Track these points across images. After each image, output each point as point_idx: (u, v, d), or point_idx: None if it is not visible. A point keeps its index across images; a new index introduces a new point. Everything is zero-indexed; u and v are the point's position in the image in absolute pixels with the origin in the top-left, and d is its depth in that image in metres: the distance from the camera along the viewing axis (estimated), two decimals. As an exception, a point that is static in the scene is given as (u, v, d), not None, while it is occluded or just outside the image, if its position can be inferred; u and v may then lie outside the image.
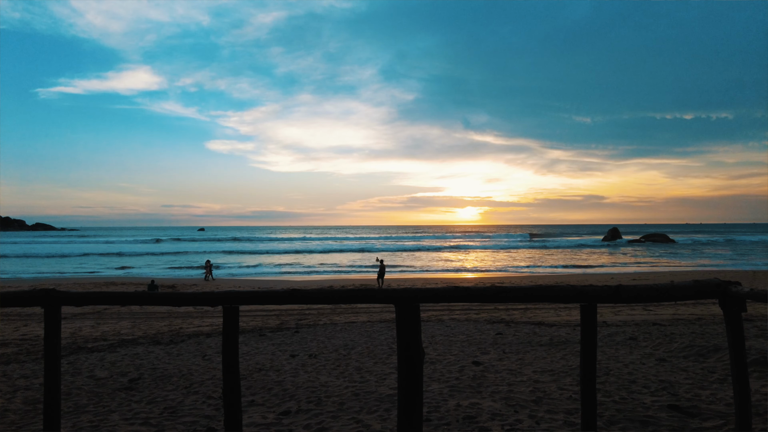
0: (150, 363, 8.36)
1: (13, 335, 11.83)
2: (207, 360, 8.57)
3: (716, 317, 12.81)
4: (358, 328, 12.18)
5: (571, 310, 15.54)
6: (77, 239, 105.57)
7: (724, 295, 3.45)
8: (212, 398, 6.20)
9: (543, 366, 7.58)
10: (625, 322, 12.62)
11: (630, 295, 3.54)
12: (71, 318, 14.90)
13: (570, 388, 6.24)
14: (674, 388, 6.13)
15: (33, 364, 8.42)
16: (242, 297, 3.74)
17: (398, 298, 3.60)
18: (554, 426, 4.87)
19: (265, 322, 13.92)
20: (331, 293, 3.81)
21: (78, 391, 6.66)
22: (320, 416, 5.40)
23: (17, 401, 6.19)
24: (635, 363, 7.58)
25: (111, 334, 11.97)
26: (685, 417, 5.06)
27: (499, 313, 15.28)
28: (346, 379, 7.03)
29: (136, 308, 16.55)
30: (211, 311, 15.60)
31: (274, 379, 7.09)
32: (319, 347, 9.60)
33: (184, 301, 3.82)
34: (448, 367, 7.62)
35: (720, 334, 9.50)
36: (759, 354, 7.10)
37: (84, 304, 3.83)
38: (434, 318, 13.96)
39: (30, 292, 3.83)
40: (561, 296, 3.57)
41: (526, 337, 10.25)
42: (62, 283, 28.08)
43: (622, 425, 4.87)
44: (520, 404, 5.62)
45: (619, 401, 5.65)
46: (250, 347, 9.70)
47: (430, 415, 5.28)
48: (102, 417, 5.51)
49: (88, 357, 9.03)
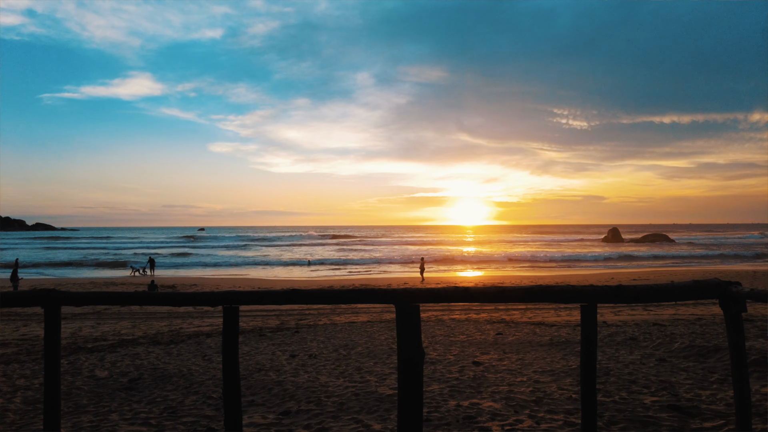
0: (150, 363, 8.36)
1: (13, 335, 11.83)
2: (207, 360, 8.57)
3: (716, 317, 12.81)
4: (358, 328, 12.18)
5: (571, 311, 15.54)
6: (75, 240, 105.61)
7: (724, 295, 3.45)
8: (212, 398, 6.20)
9: (543, 366, 7.58)
10: (626, 322, 12.62)
11: (630, 295, 3.53)
12: (71, 318, 14.91)
13: (570, 389, 6.24)
14: (674, 389, 6.12)
15: (33, 364, 8.42)
16: (242, 297, 3.73)
17: (398, 298, 3.60)
18: (554, 426, 4.87)
19: (265, 322, 13.92)
20: (331, 293, 3.81)
21: (78, 391, 6.66)
22: (320, 416, 5.40)
23: (17, 401, 6.19)
24: (635, 363, 7.58)
25: (111, 334, 11.98)
26: (685, 417, 5.06)
27: (499, 313, 15.28)
28: (346, 380, 7.03)
29: (136, 308, 16.56)
30: (211, 311, 15.60)
31: (274, 379, 7.09)
32: (319, 347, 9.60)
33: (184, 301, 3.82)
34: (448, 367, 7.62)
35: (720, 335, 9.50)
36: (759, 354, 7.09)
37: (84, 304, 3.83)
38: (434, 318, 13.96)
39: (30, 292, 3.83)
40: (561, 296, 3.57)
41: (526, 337, 10.24)
42: (62, 283, 28.08)
43: (622, 425, 4.87)
44: (521, 404, 5.62)
45: (619, 401, 5.65)
46: (250, 347, 9.70)
47: (430, 415, 5.28)
48: (102, 417, 5.51)
49: (88, 357, 9.03)
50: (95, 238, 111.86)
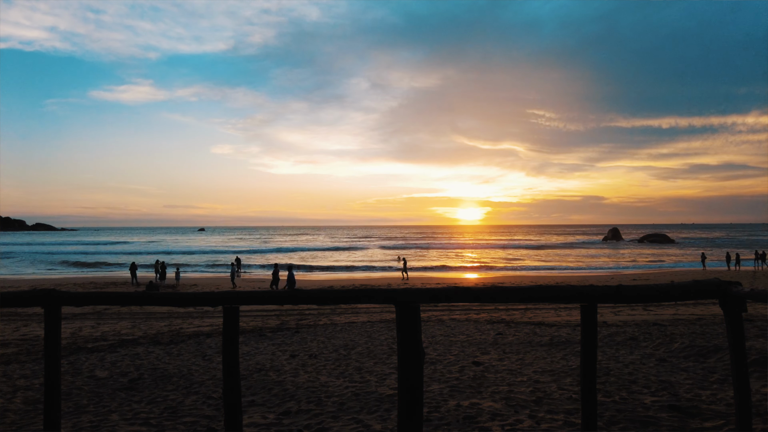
0: (150, 363, 8.36)
1: (13, 335, 11.83)
2: (207, 360, 8.57)
3: (716, 317, 12.81)
4: (358, 328, 12.18)
5: (572, 311, 15.54)
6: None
7: (724, 296, 3.44)
8: (212, 398, 6.20)
9: (543, 366, 7.58)
10: (626, 322, 12.62)
11: (630, 295, 3.53)
12: (71, 318, 14.90)
13: (570, 388, 6.24)
14: (674, 389, 6.12)
15: (33, 364, 8.42)
16: (242, 297, 3.73)
17: (398, 299, 3.60)
18: (554, 426, 4.87)
19: (265, 322, 13.92)
20: (331, 293, 3.81)
21: (78, 391, 6.65)
22: (320, 416, 5.40)
23: (17, 401, 6.19)
24: (635, 363, 7.58)
25: (111, 335, 11.97)
26: (685, 417, 5.06)
27: (499, 313, 15.28)
28: (347, 380, 7.03)
29: (136, 308, 16.55)
30: (211, 311, 15.60)
31: (274, 379, 7.09)
32: (319, 347, 9.60)
33: (184, 302, 3.82)
34: (449, 367, 7.62)
35: (720, 334, 9.50)
36: (759, 354, 7.09)
37: (84, 305, 3.83)
38: (434, 318, 13.96)
39: (30, 292, 3.83)
40: (561, 296, 3.57)
41: (526, 337, 10.24)
42: (62, 283, 28.08)
43: (622, 425, 4.87)
44: (521, 404, 5.61)
45: (619, 401, 5.64)
46: (250, 347, 9.70)
47: (430, 415, 5.28)
48: (102, 417, 5.51)
49: (89, 357, 9.03)
50: (97, 239, 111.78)
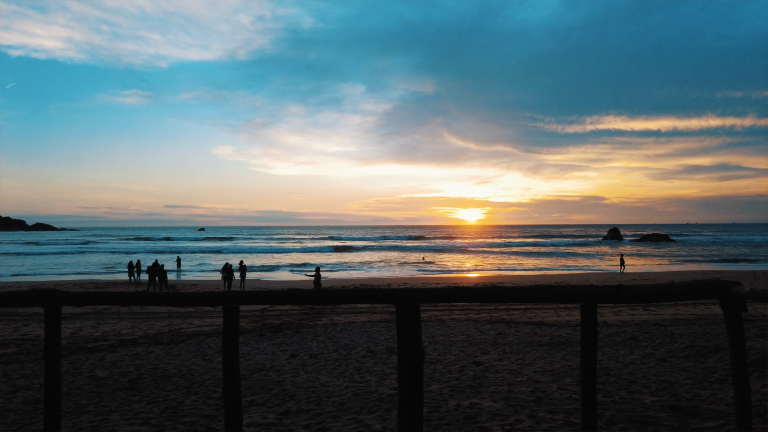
0: (150, 363, 8.36)
1: (13, 335, 11.83)
2: (207, 360, 8.57)
3: (716, 317, 12.81)
4: (358, 328, 12.18)
5: (572, 310, 15.53)
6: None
7: (724, 295, 3.44)
8: (212, 398, 6.20)
9: (543, 366, 7.58)
10: (626, 322, 12.62)
11: (630, 295, 3.53)
12: (71, 318, 14.90)
13: (570, 388, 6.24)
14: (674, 388, 6.12)
15: (33, 364, 8.42)
16: (242, 297, 3.74)
17: (398, 299, 3.60)
18: (554, 426, 4.87)
19: (265, 322, 13.92)
20: (331, 293, 3.81)
21: (78, 391, 6.65)
22: (320, 416, 5.40)
23: (17, 401, 6.19)
24: (635, 363, 7.58)
25: (111, 334, 11.97)
26: (685, 417, 5.06)
27: (499, 313, 15.28)
28: (347, 379, 7.03)
29: (137, 308, 16.55)
30: (211, 311, 15.60)
31: (274, 379, 7.09)
32: (319, 347, 9.60)
33: (184, 302, 3.82)
34: (449, 367, 7.62)
35: (720, 334, 9.50)
36: (759, 354, 7.09)
37: (84, 304, 3.83)
38: (434, 318, 13.96)
39: (31, 292, 3.83)
40: (561, 296, 3.57)
41: (526, 337, 10.24)
42: (62, 283, 28.08)
43: (622, 425, 4.87)
44: (521, 404, 5.62)
45: (619, 401, 5.65)
46: (250, 347, 9.70)
47: (431, 415, 5.28)
48: (102, 417, 5.51)
49: (89, 357, 9.03)
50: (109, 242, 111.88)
